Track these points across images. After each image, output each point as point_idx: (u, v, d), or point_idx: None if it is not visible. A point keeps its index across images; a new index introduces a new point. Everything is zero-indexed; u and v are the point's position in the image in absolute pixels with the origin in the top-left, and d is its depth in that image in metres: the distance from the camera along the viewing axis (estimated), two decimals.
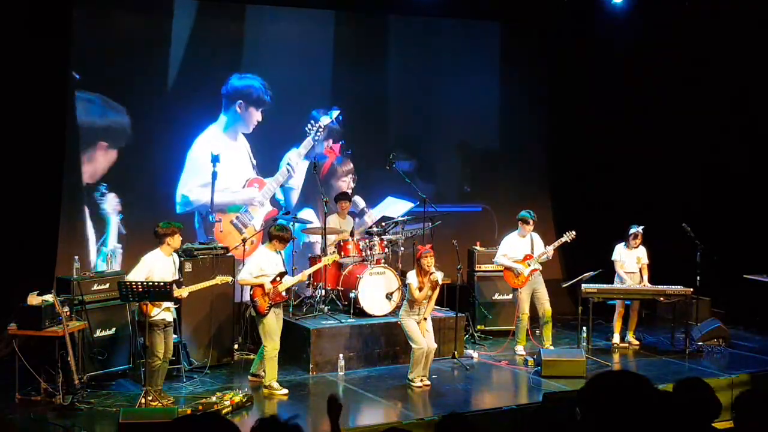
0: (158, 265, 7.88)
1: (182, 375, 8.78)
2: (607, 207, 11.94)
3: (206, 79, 10.84)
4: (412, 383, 8.64)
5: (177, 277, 8.03)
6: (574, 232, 9.91)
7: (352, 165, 11.68)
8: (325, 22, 11.46)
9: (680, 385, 3.50)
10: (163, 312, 7.84)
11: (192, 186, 10.77)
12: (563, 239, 9.94)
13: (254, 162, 11.11)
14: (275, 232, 8.47)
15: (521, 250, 10.00)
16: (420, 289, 8.54)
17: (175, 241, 7.97)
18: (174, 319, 8.15)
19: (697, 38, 11.57)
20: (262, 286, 8.36)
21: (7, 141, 9.19)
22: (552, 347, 9.85)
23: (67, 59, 9.66)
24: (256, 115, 11.10)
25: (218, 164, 10.82)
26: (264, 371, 8.48)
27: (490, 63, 12.32)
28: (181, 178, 10.73)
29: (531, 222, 9.98)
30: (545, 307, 9.97)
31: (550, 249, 9.96)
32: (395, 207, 11.48)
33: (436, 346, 8.80)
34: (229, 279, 8.67)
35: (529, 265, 9.91)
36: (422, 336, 8.60)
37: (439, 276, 8.58)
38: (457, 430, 3.81)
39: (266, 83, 11.12)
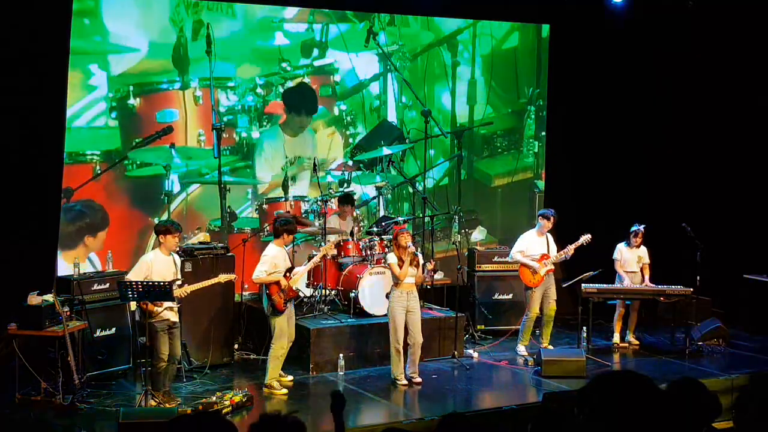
0: (158, 265, 7.86)
1: (182, 375, 8.77)
2: (607, 207, 11.94)
3: None
4: (397, 381, 8.65)
5: (177, 277, 8.02)
6: (589, 235, 9.86)
7: None
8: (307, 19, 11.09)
9: (673, 386, 3.50)
10: (166, 312, 7.81)
11: None
12: (580, 241, 9.89)
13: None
14: (282, 227, 8.48)
15: (538, 249, 9.92)
16: (400, 265, 8.54)
17: (168, 241, 7.90)
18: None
19: (698, 38, 11.57)
20: (277, 283, 8.36)
21: (7, 140, 9.18)
22: (550, 347, 9.85)
23: (66, 58, 9.64)
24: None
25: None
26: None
27: (490, 62, 12.30)
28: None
29: (552, 219, 9.92)
30: (551, 307, 9.91)
31: (571, 248, 9.86)
32: None
33: (422, 339, 8.78)
34: (233, 277, 8.66)
35: (545, 265, 9.86)
36: (403, 333, 8.60)
37: (417, 253, 8.63)
38: (457, 430, 3.81)
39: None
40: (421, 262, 8.83)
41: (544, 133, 12.60)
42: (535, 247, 9.93)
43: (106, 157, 9.87)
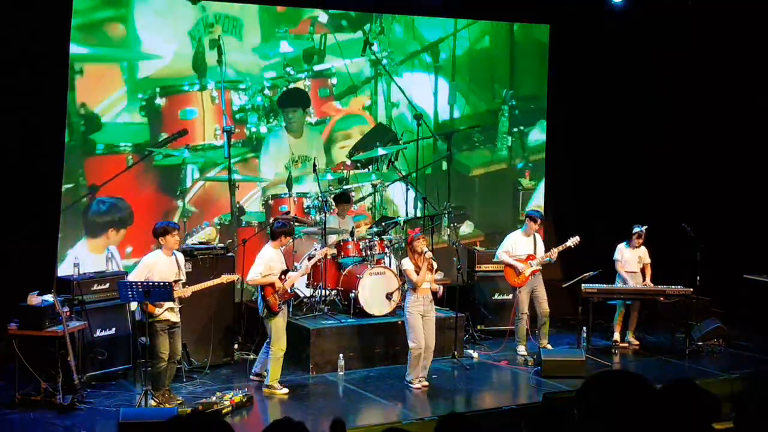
0: (159, 266, 7.86)
1: (182, 375, 8.77)
2: (607, 207, 11.94)
3: None
4: (411, 384, 8.63)
5: (180, 277, 8.02)
6: (578, 238, 9.88)
7: None
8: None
9: (668, 386, 3.50)
10: (167, 312, 7.82)
11: None
12: (567, 244, 9.90)
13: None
14: (279, 229, 8.50)
15: (524, 249, 9.96)
16: (417, 271, 8.53)
17: (168, 241, 7.92)
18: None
19: (698, 38, 11.57)
20: (272, 284, 8.38)
21: (7, 140, 9.19)
22: (549, 347, 9.85)
23: (67, 59, 9.64)
24: None
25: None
26: (266, 371, 8.50)
27: (469, 64, 12.34)
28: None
29: (538, 221, 9.96)
30: (543, 307, 9.96)
31: (555, 252, 9.91)
32: None
33: (434, 344, 8.78)
34: (235, 278, 8.68)
35: (531, 265, 9.88)
36: (422, 335, 8.59)
37: (430, 255, 8.55)
38: (457, 430, 3.81)
39: None
40: (435, 266, 8.80)
41: (516, 129, 12.71)
42: (521, 247, 9.97)
43: (136, 149, 10.58)
